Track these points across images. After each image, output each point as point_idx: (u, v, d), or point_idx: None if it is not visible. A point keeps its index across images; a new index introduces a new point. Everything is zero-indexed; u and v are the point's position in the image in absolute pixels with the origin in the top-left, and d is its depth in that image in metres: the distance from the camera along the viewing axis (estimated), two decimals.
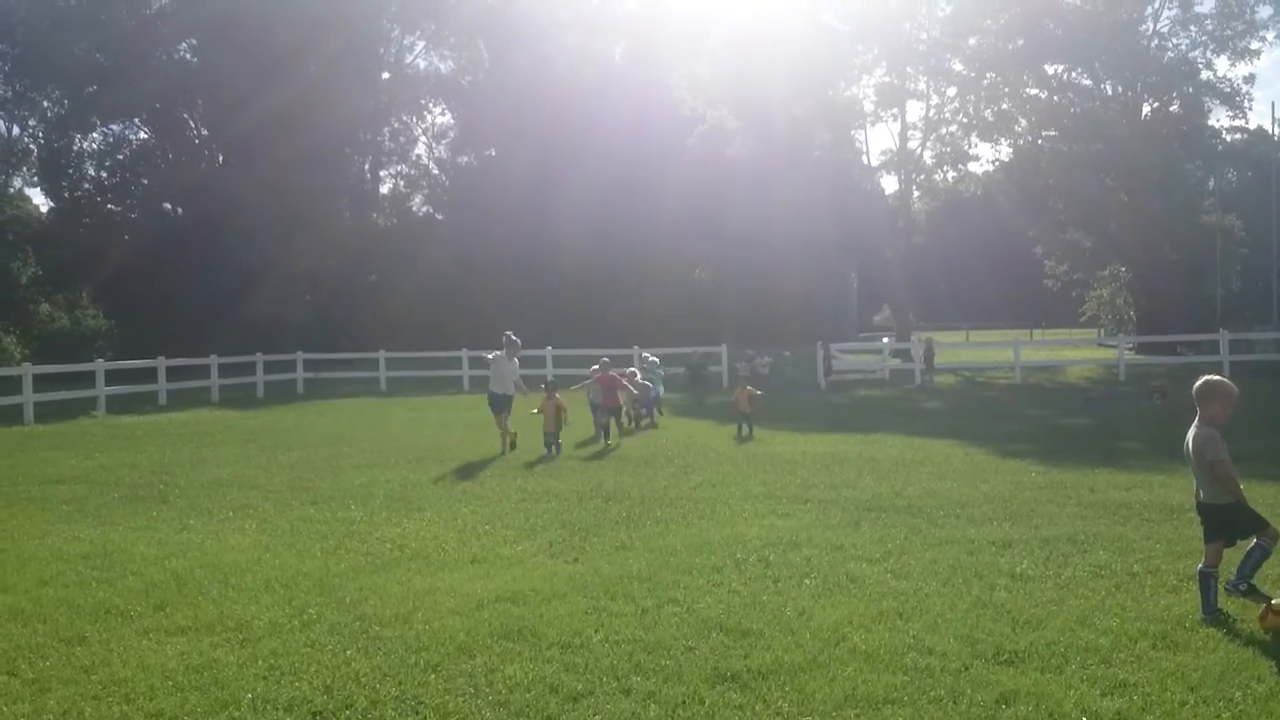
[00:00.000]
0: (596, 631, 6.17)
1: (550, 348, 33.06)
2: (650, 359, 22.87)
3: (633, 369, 19.89)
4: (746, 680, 5.35)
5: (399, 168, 54.96)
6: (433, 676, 5.51)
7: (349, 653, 5.90)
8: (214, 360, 30.92)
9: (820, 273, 42.32)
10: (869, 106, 44.04)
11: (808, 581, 7.28)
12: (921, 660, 5.61)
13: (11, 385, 25.19)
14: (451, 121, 53.89)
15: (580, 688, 5.26)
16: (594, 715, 4.96)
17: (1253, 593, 6.39)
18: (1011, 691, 5.11)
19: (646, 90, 43.91)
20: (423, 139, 55.05)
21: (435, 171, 54.81)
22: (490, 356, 16.50)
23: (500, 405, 15.76)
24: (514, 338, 16.42)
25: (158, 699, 5.22)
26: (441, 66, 53.97)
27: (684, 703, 5.07)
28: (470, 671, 5.56)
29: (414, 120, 54.06)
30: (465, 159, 52.94)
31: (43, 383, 25.62)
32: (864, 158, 47.54)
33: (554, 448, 15.00)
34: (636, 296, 41.65)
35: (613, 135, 42.78)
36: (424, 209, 54.54)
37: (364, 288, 46.42)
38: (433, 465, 13.98)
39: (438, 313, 42.39)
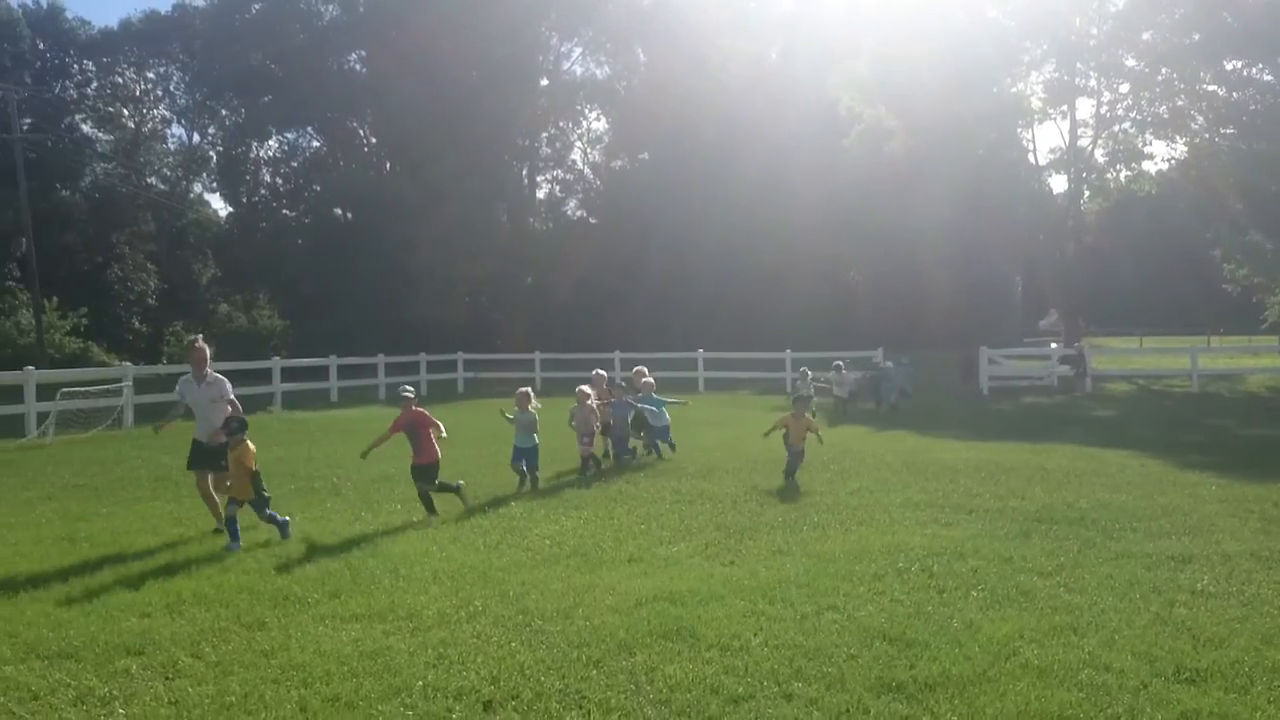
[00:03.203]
0: (755, 635, 6.13)
1: (701, 350, 33.07)
2: (827, 369, 22.08)
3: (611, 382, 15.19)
4: (912, 691, 5.23)
5: (555, 173, 56.06)
6: (594, 672, 5.57)
7: (513, 645, 6.03)
8: (381, 359, 32.16)
9: (982, 275, 41.14)
10: (1036, 104, 42.50)
11: (975, 593, 7.06)
12: (1097, 677, 5.39)
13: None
14: (606, 126, 54.67)
15: (741, 691, 5.23)
16: (755, 719, 4.92)
17: None
18: (1193, 711, 4.87)
19: (802, 90, 43.50)
20: (578, 144, 56.04)
21: (589, 176, 55.65)
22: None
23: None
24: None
25: (334, 684, 5.43)
26: (597, 72, 54.82)
27: (847, 711, 4.99)
28: (631, 669, 5.60)
29: (570, 126, 55.04)
30: (619, 163, 53.58)
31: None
32: (1031, 156, 45.95)
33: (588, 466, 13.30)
34: (788, 299, 41.31)
35: (767, 136, 42.57)
36: (578, 213, 55.45)
37: (519, 290, 47.48)
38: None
39: (590, 314, 43.04)
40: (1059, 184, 47.38)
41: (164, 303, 60.77)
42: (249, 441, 9.56)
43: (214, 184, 61.12)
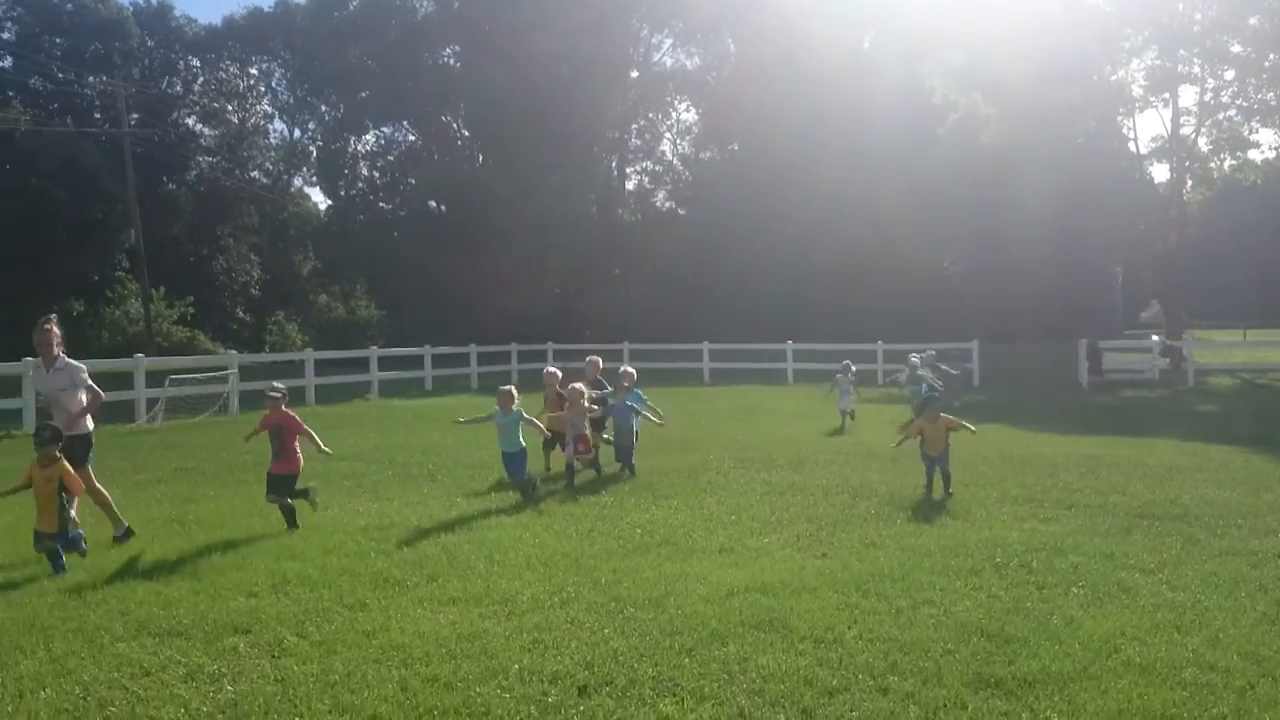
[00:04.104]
0: (849, 628, 6.09)
1: (790, 342, 32.87)
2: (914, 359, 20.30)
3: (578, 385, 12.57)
4: (1011, 687, 5.15)
5: (644, 164, 56.18)
6: (687, 660, 5.59)
7: (606, 631, 6.08)
8: (473, 349, 32.65)
9: (1080, 266, 40.11)
10: (1137, 91, 41.21)
11: (1075, 589, 6.92)
12: (1202, 676, 5.26)
13: (295, 369, 27.51)
14: (696, 117, 54.55)
15: (835, 683, 5.21)
16: (851, 712, 4.89)
17: None
18: None
19: (895, 79, 42.81)
20: (667, 135, 56.07)
21: (679, 167, 55.63)
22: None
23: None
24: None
25: (433, 665, 5.55)
26: (688, 63, 54.74)
27: (945, 706, 4.93)
28: (723, 658, 5.61)
29: (659, 117, 55.09)
30: (708, 154, 53.47)
31: (322, 367, 27.74)
32: (1131, 145, 44.60)
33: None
34: (879, 290, 40.78)
35: (859, 125, 42.04)
36: (667, 204, 55.50)
37: (608, 281, 47.73)
38: (675, 455, 14.18)
39: (678, 306, 43.03)
40: (1161, 173, 45.92)
41: (266, 293, 62.52)
42: (62, 457, 8.23)
43: (313, 178, 62.71)
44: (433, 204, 52.42)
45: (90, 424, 9.20)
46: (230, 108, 65.60)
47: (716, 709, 4.97)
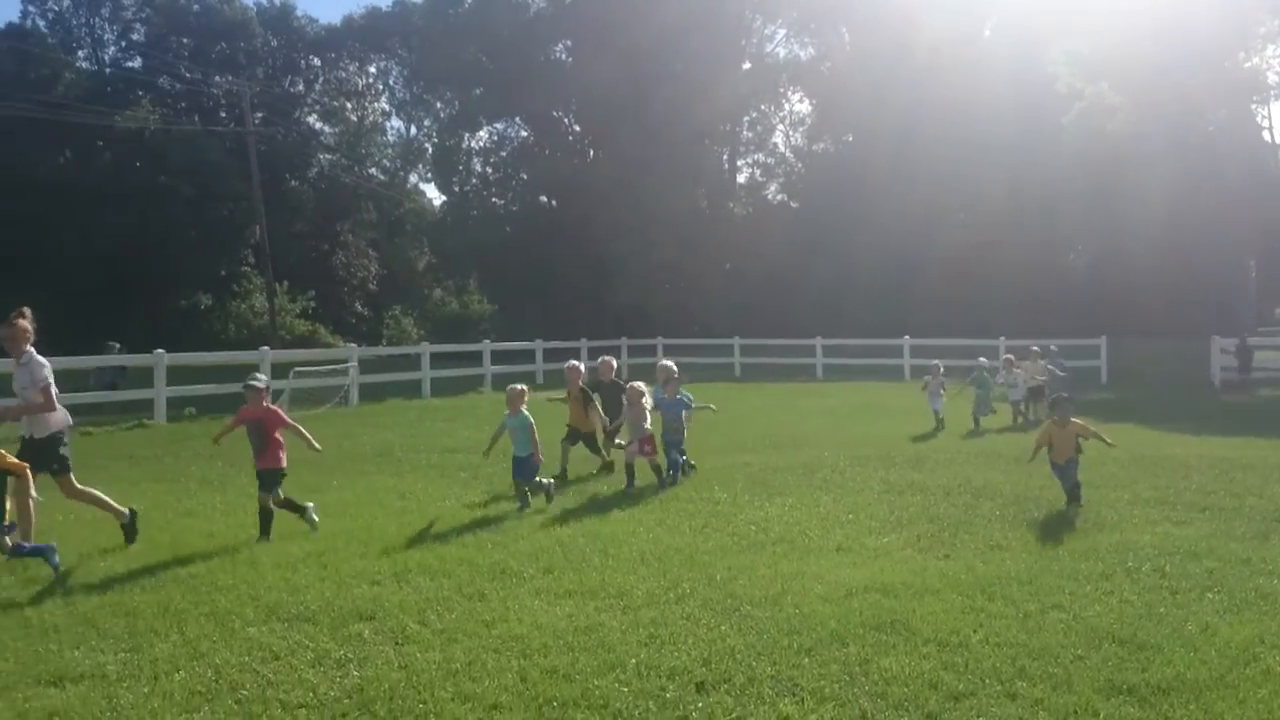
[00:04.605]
0: (975, 631, 5.92)
1: (907, 337, 32.29)
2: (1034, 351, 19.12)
3: (638, 384, 11.93)
4: (1145, 694, 4.95)
5: (755, 156, 55.78)
6: (806, 660, 5.51)
7: (723, 629, 6.03)
8: (584, 344, 32.90)
9: (1211, 259, 38.41)
10: (1273, 79, 39.40)
11: (1210, 595, 6.62)
12: None
13: (411, 362, 28.13)
14: (809, 109, 53.94)
15: (961, 687, 5.07)
16: (978, 717, 4.76)
17: None
18: None
19: (1017, 68, 41.62)
20: (780, 127, 55.54)
21: (791, 159, 55.09)
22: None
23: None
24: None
25: (551, 656, 5.58)
26: (801, 54, 54.14)
27: (1075, 713, 4.77)
28: (844, 659, 5.51)
29: (772, 109, 54.60)
30: (821, 145, 52.81)
31: (437, 360, 28.25)
32: (1266, 134, 42.66)
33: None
34: (997, 283, 39.73)
35: (975, 115, 40.97)
36: (779, 197, 54.99)
37: (718, 275, 47.52)
38: (790, 451, 14.05)
39: (787, 300, 42.63)
40: None
41: (383, 287, 64.17)
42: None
43: (428, 174, 63.99)
44: (543, 199, 52.96)
45: (55, 424, 8.46)
46: (349, 106, 67.44)
47: (838, 710, 4.89)
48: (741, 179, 56.03)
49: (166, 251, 50.64)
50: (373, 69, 68.20)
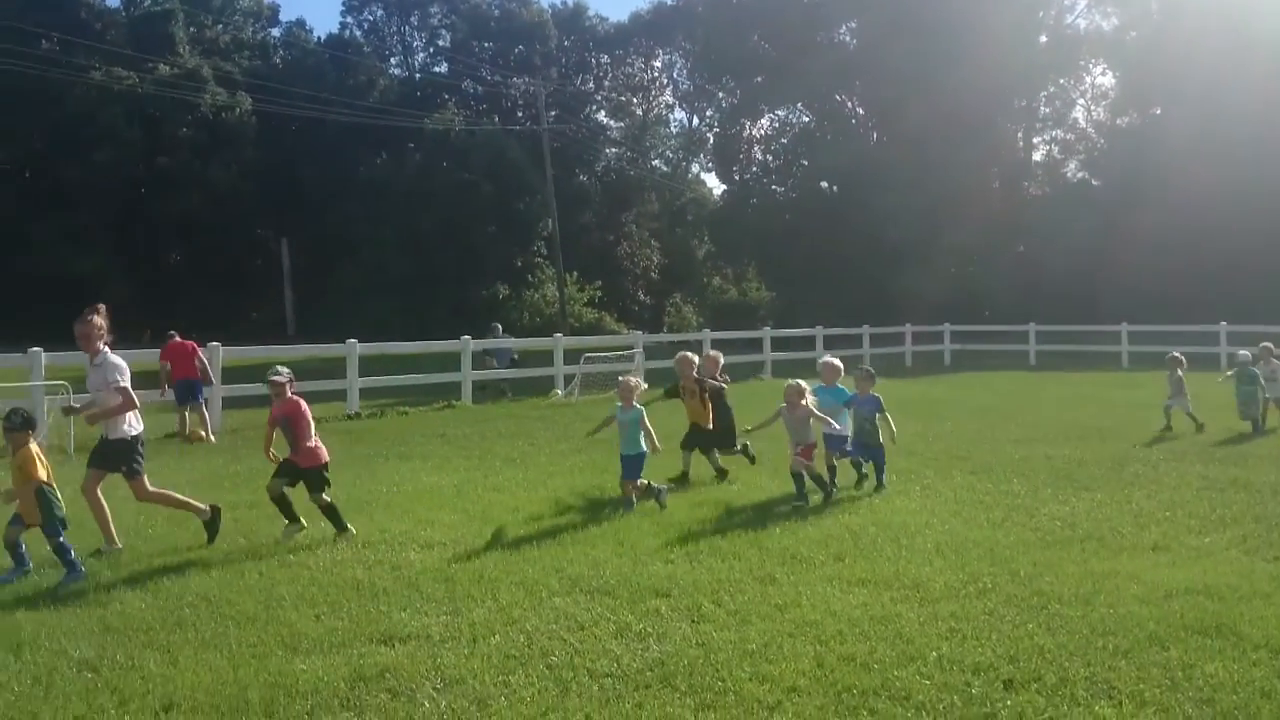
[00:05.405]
0: None
1: (1224, 324, 29.49)
2: None
3: (798, 381, 10.07)
4: None
5: (1053, 133, 52.67)
6: (1123, 663, 5.19)
7: (1030, 626, 5.77)
8: (866, 330, 32.32)
9: None
10: None
11: None
12: None
13: (693, 349, 28.57)
14: (1111, 82, 50.33)
15: None
16: None
17: None
18: None
19: None
20: (1080, 102, 52.16)
21: (1092, 135, 51.63)
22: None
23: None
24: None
25: (847, 644, 5.52)
26: (1103, 24, 50.53)
27: None
28: (1165, 663, 5.15)
29: (1071, 83, 51.34)
30: (1125, 120, 49.11)
31: (718, 347, 28.43)
32: None
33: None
34: None
35: None
36: (1079, 175, 51.68)
37: (1009, 259, 45.27)
38: (1095, 444, 13.21)
39: (1088, 284, 39.96)
40: None
41: (664, 276, 65.70)
42: (34, 445, 7.39)
43: (709, 164, 64.88)
44: (824, 184, 52.30)
45: (132, 428, 8.08)
46: (635, 100, 69.39)
47: (1160, 716, 4.58)
48: (1038, 157, 53.14)
49: (470, 244, 54.09)
50: (658, 63, 69.89)
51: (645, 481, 9.47)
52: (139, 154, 54.69)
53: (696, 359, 11.53)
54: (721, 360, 12.29)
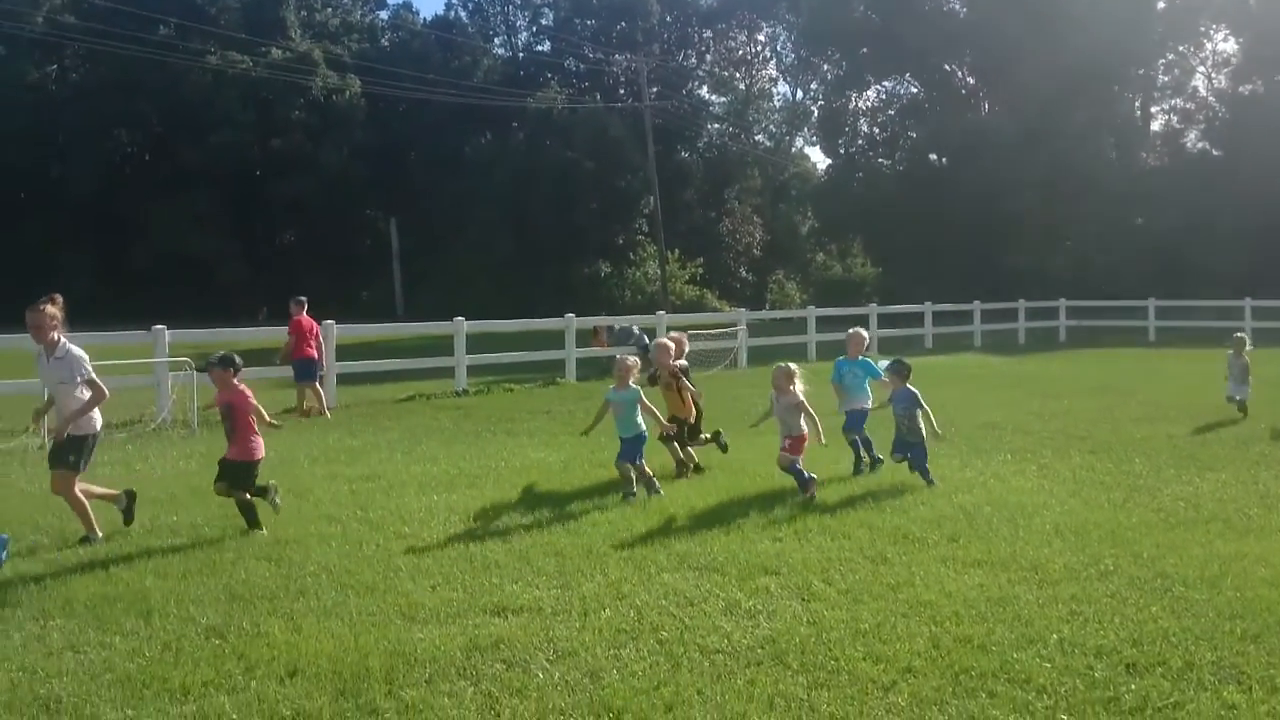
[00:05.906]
0: None
1: None
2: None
3: (789, 364, 9.25)
4: None
5: (1173, 102, 50.58)
6: (1252, 647, 5.02)
7: (1153, 609, 5.60)
8: (977, 306, 31.62)
9: None
10: None
11: None
12: None
13: (797, 326, 28.46)
14: (1234, 48, 48.02)
15: None
16: None
17: None
18: None
19: None
20: (1200, 69, 49.92)
21: (1214, 103, 49.43)
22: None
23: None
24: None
25: (963, 625, 5.43)
26: None
27: None
28: None
29: (1190, 50, 49.17)
30: (1248, 88, 46.86)
31: (823, 324, 28.27)
32: None
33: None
34: None
35: None
36: (1199, 145, 49.59)
37: (1127, 231, 43.71)
38: (1219, 423, 12.73)
39: (1212, 257, 38.38)
40: None
41: (767, 253, 65.14)
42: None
43: (814, 138, 63.97)
44: (932, 157, 51.17)
45: (94, 425, 7.63)
46: (738, 75, 68.75)
47: None
48: (1156, 126, 51.11)
49: (573, 222, 54.44)
50: (761, 36, 69.10)
51: (645, 466, 9.00)
52: (254, 137, 56.39)
53: (673, 346, 10.57)
54: (686, 346, 11.35)
